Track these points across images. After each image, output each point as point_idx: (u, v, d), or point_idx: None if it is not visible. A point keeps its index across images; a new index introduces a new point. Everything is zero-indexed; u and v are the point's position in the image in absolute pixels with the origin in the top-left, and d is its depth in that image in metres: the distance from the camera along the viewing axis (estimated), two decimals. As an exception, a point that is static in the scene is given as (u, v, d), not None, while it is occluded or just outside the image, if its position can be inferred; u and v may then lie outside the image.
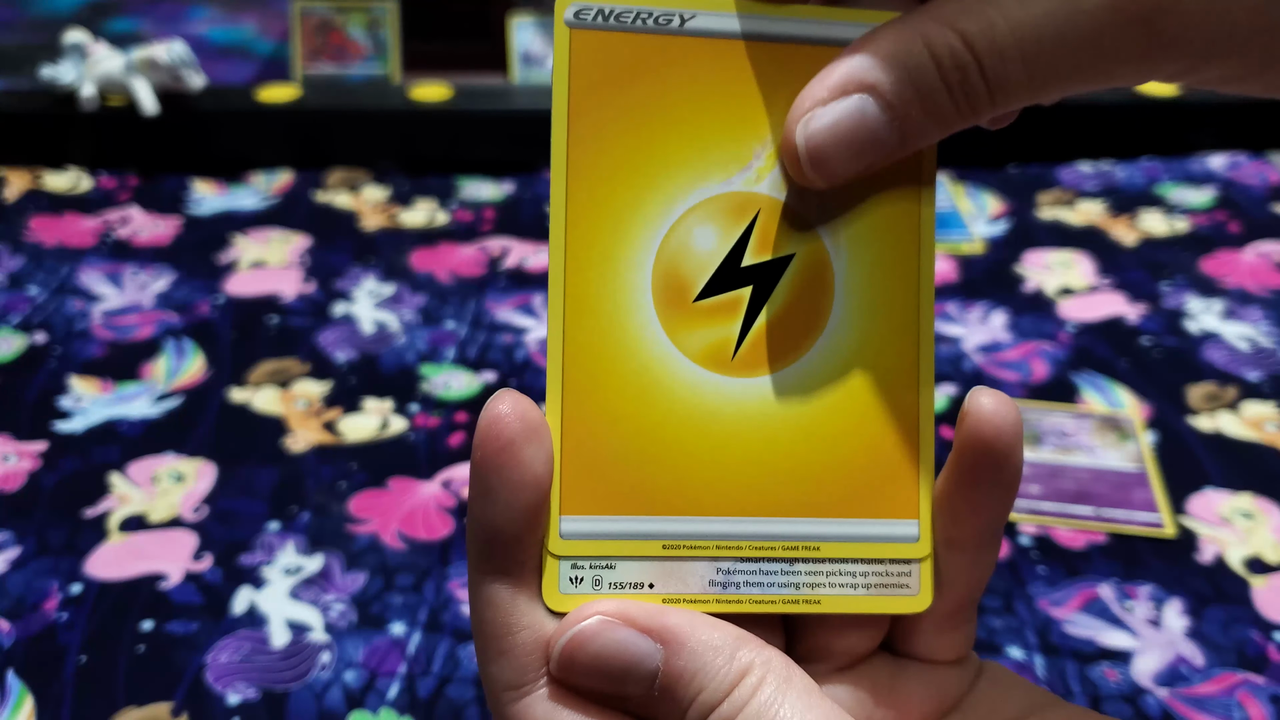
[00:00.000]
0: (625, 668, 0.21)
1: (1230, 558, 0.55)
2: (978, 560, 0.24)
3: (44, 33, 1.18)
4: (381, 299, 0.76)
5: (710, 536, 0.22)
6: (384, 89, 1.01)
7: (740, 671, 0.20)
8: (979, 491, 0.23)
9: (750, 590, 0.22)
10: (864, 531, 0.23)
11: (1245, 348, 0.71)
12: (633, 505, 0.22)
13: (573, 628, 0.21)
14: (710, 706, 0.20)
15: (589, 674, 0.21)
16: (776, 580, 0.23)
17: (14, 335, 0.72)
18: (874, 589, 0.23)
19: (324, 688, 0.48)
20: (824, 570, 0.23)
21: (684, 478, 0.22)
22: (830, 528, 0.23)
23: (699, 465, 0.22)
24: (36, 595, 0.52)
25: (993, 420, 0.22)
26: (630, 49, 0.22)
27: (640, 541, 0.22)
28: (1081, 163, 0.96)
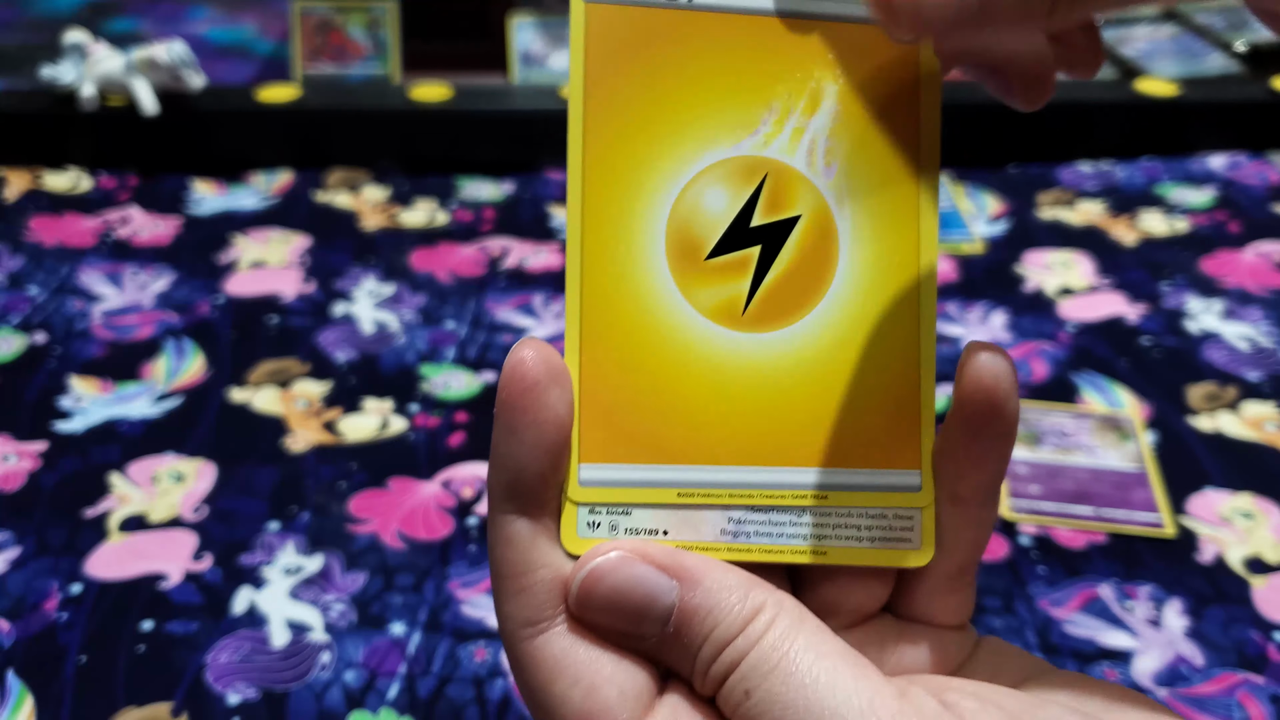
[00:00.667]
0: (642, 602, 0.21)
1: (1230, 558, 0.55)
2: (978, 518, 0.24)
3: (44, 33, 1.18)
4: (381, 299, 0.76)
5: (722, 485, 0.23)
6: (384, 89, 1.01)
7: (754, 609, 0.21)
8: (979, 442, 0.23)
9: (760, 540, 0.23)
10: (869, 481, 0.24)
11: (1245, 348, 0.71)
12: (648, 454, 0.23)
13: (591, 562, 0.21)
14: (724, 642, 0.21)
15: (606, 608, 0.21)
16: (785, 531, 0.23)
17: (14, 335, 0.72)
18: (878, 542, 0.24)
19: (324, 688, 0.48)
20: (830, 522, 0.24)
21: (697, 429, 0.23)
22: (837, 478, 0.24)
23: (711, 417, 0.23)
24: (36, 595, 0.52)
25: (991, 368, 0.23)
26: (643, 22, 0.23)
27: (656, 489, 0.23)
28: (1081, 163, 0.96)
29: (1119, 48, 1.13)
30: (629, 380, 0.23)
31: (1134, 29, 1.18)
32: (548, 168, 0.92)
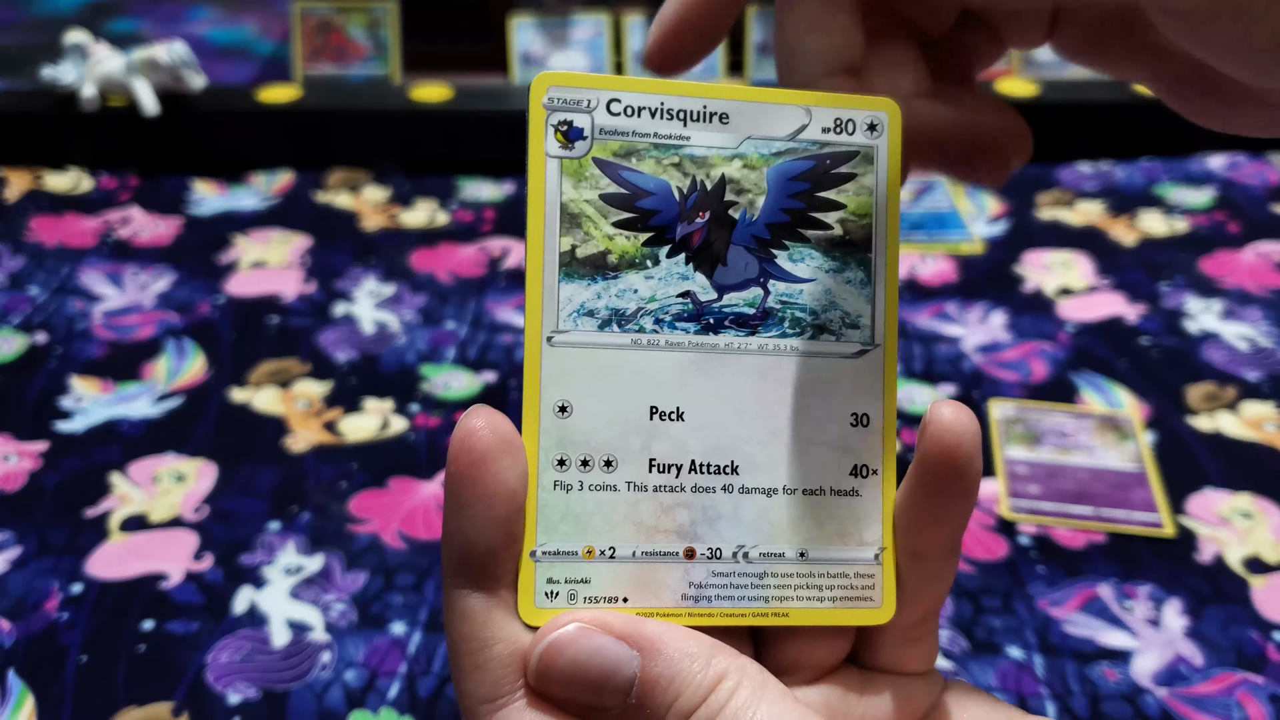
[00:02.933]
0: (603, 674, 0.21)
1: (1229, 557, 0.55)
2: (939, 572, 0.24)
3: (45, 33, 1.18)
4: (382, 299, 0.76)
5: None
6: (384, 89, 1.01)
7: (716, 677, 0.21)
8: (940, 501, 0.23)
9: (721, 603, 0.23)
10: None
11: (1244, 348, 0.71)
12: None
13: (550, 635, 0.21)
14: (687, 712, 0.20)
15: (566, 681, 0.21)
16: (746, 594, 0.23)
17: (15, 335, 0.72)
18: (840, 601, 0.24)
19: (324, 687, 0.48)
20: (792, 583, 0.23)
21: None
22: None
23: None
24: (37, 595, 0.52)
25: (953, 428, 0.22)
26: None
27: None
28: (1081, 163, 0.96)
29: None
30: None
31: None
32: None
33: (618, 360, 0.23)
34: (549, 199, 0.23)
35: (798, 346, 0.24)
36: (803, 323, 0.24)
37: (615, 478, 0.23)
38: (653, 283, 0.23)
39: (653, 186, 0.23)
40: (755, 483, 0.23)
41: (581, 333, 0.23)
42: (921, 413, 0.66)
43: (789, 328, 0.24)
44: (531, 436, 0.23)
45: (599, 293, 0.23)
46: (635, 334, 0.23)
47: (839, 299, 0.24)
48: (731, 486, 0.23)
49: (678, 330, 0.23)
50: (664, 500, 0.23)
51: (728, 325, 0.23)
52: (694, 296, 0.23)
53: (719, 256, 0.23)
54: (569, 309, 0.23)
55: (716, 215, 0.23)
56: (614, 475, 0.23)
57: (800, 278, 0.24)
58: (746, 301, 0.24)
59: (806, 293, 0.24)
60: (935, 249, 0.83)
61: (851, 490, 0.24)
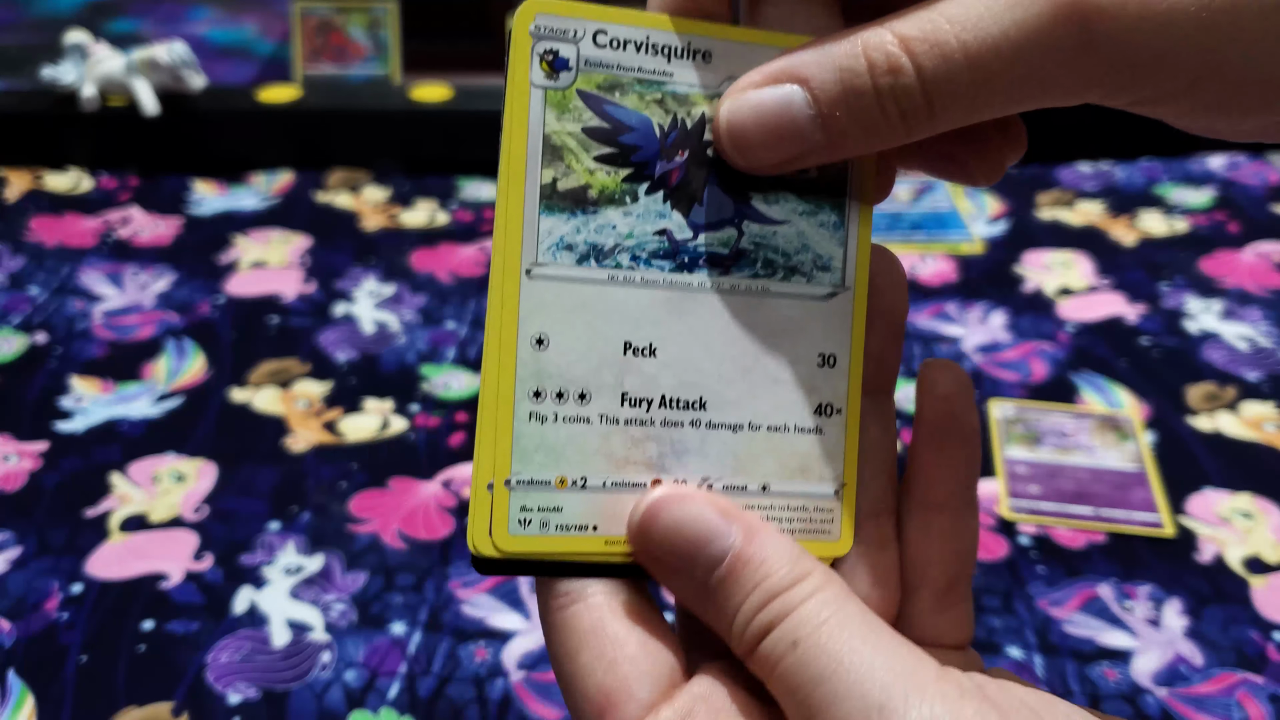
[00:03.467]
0: (700, 539, 0.21)
1: (1229, 557, 0.55)
2: (957, 527, 0.24)
3: (45, 33, 1.18)
4: (382, 299, 0.76)
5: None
6: (384, 89, 1.01)
7: (804, 572, 0.21)
8: (944, 450, 0.24)
9: None
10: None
11: (1244, 348, 0.71)
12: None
13: (657, 492, 0.22)
14: (775, 593, 0.21)
15: (663, 540, 0.22)
16: None
17: (15, 335, 0.72)
18: (799, 534, 0.24)
19: (324, 687, 0.48)
20: (755, 511, 0.24)
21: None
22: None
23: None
24: (37, 595, 0.52)
25: (945, 380, 0.24)
26: None
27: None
28: (1081, 163, 0.96)
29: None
30: None
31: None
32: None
33: (594, 295, 0.23)
34: (532, 130, 0.23)
35: (769, 287, 0.24)
36: (775, 264, 0.24)
37: (589, 410, 0.23)
38: (631, 219, 0.23)
39: (635, 122, 0.23)
40: (722, 418, 0.24)
41: (560, 266, 0.23)
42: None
43: (761, 269, 0.24)
44: (509, 368, 0.23)
45: (578, 227, 0.23)
46: (612, 270, 0.23)
47: (811, 242, 0.24)
48: (699, 422, 0.24)
49: (653, 268, 0.23)
50: (634, 433, 0.23)
51: (702, 264, 0.24)
52: (670, 235, 0.23)
53: (696, 196, 0.24)
54: (548, 242, 0.23)
55: (695, 154, 0.23)
56: (588, 408, 0.23)
57: (774, 219, 0.24)
58: (721, 242, 0.24)
59: (780, 235, 0.24)
60: (935, 249, 0.83)
61: (815, 428, 0.24)
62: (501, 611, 0.52)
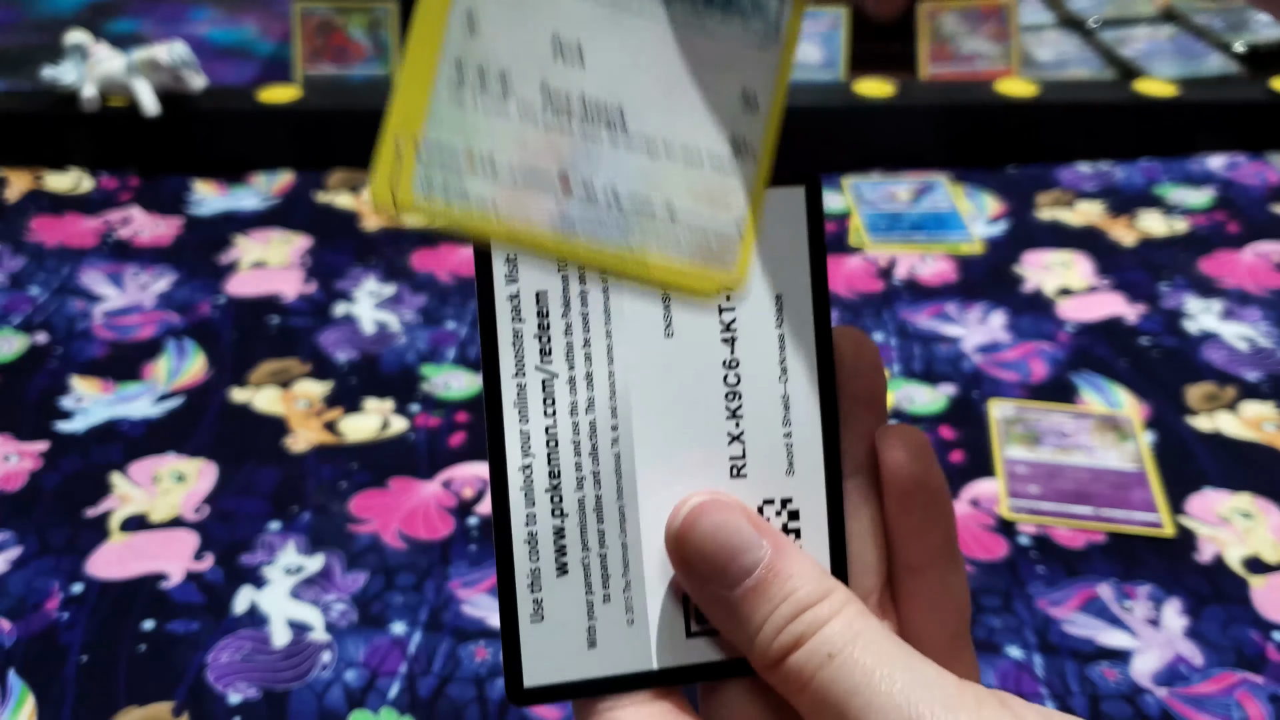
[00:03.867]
0: (736, 548, 0.22)
1: (1229, 557, 0.55)
2: (945, 583, 0.25)
3: (45, 34, 1.18)
4: (382, 299, 0.76)
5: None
6: (385, 90, 1.01)
7: (831, 587, 0.22)
8: (914, 516, 0.24)
9: (587, 238, 0.24)
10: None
11: (1244, 348, 0.71)
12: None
13: (699, 499, 0.23)
14: (805, 605, 0.21)
15: (700, 546, 0.22)
16: (612, 233, 0.24)
17: (15, 335, 0.72)
18: (696, 257, 0.25)
19: (325, 687, 0.48)
20: (656, 232, 0.24)
21: None
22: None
23: None
24: (38, 595, 0.52)
25: (900, 447, 0.24)
26: None
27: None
28: (1080, 163, 0.96)
29: (1119, 48, 1.13)
30: None
31: (1134, 29, 1.18)
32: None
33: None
34: None
35: (706, 24, 0.24)
36: (714, 1, 0.25)
37: (508, 99, 0.23)
38: None
39: None
40: (640, 130, 0.24)
41: None
42: (921, 413, 0.66)
43: (702, 3, 0.24)
44: (435, 35, 0.23)
45: None
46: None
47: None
48: (615, 126, 0.24)
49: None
50: (550, 130, 0.24)
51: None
52: None
53: None
54: None
55: None
56: (507, 95, 0.23)
57: None
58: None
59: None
60: (935, 249, 0.83)
61: (729, 161, 0.25)
62: (502, 611, 0.52)
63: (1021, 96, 0.96)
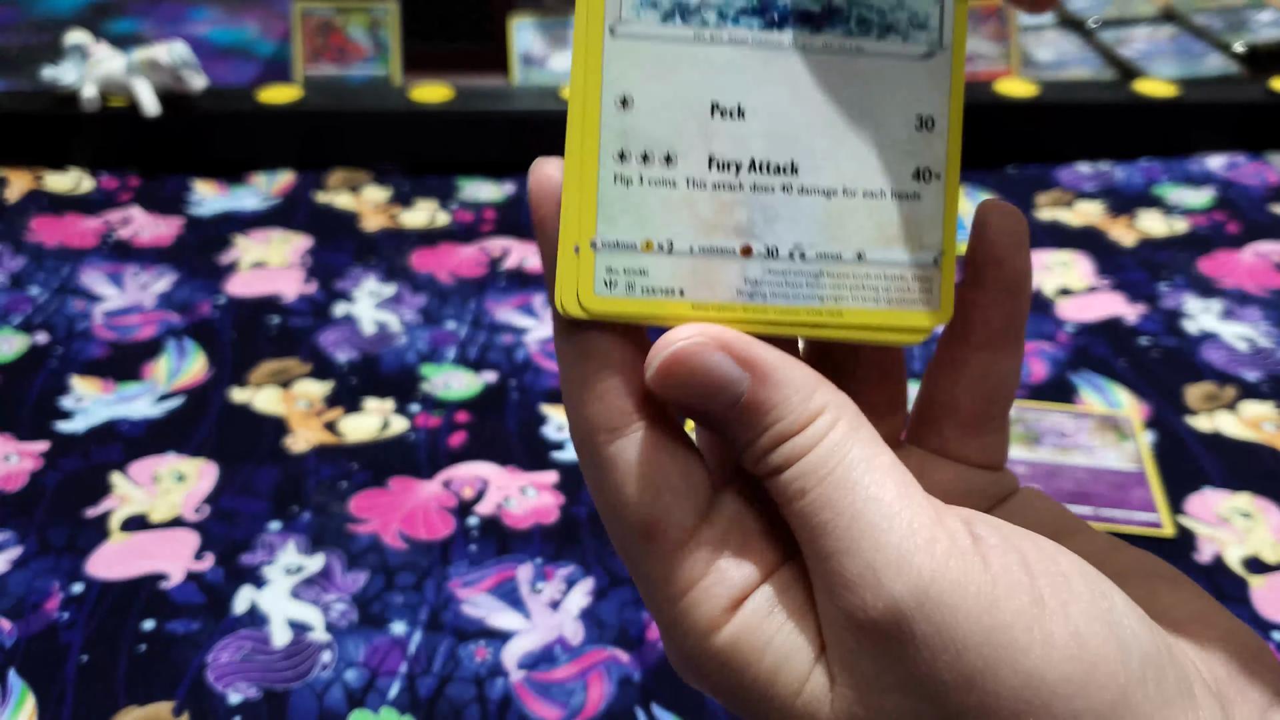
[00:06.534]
0: (713, 386, 0.22)
1: (1229, 557, 0.55)
2: (992, 366, 0.25)
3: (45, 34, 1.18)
4: (382, 299, 0.76)
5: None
6: (385, 90, 1.01)
7: (816, 411, 0.22)
8: (986, 295, 0.24)
9: (776, 300, 0.23)
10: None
11: (1244, 348, 0.72)
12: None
13: (673, 345, 0.22)
14: (783, 437, 0.22)
15: (679, 385, 0.22)
16: (802, 291, 0.23)
17: (15, 335, 0.72)
18: (895, 303, 0.24)
19: (325, 687, 0.48)
20: (848, 283, 0.23)
21: None
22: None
23: None
24: (38, 595, 0.52)
25: (994, 225, 0.24)
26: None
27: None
28: (1080, 163, 0.96)
29: (1118, 48, 1.13)
30: None
31: (1133, 30, 1.18)
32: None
33: (680, 54, 0.23)
34: None
35: (863, 46, 0.23)
36: (869, 22, 0.23)
37: (675, 173, 0.23)
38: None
39: None
40: (815, 183, 0.23)
41: (645, 24, 0.23)
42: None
43: (855, 26, 0.23)
44: (592, 130, 0.23)
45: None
46: (698, 27, 0.23)
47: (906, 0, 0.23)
48: (791, 186, 0.23)
49: (741, 25, 0.23)
50: (723, 197, 0.23)
51: (792, 22, 0.23)
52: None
53: None
54: (632, 0, 0.23)
55: None
56: (673, 171, 0.23)
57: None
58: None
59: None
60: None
61: (913, 194, 0.23)
62: (502, 611, 0.52)
63: (1021, 96, 0.96)
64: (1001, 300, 0.24)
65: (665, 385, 0.22)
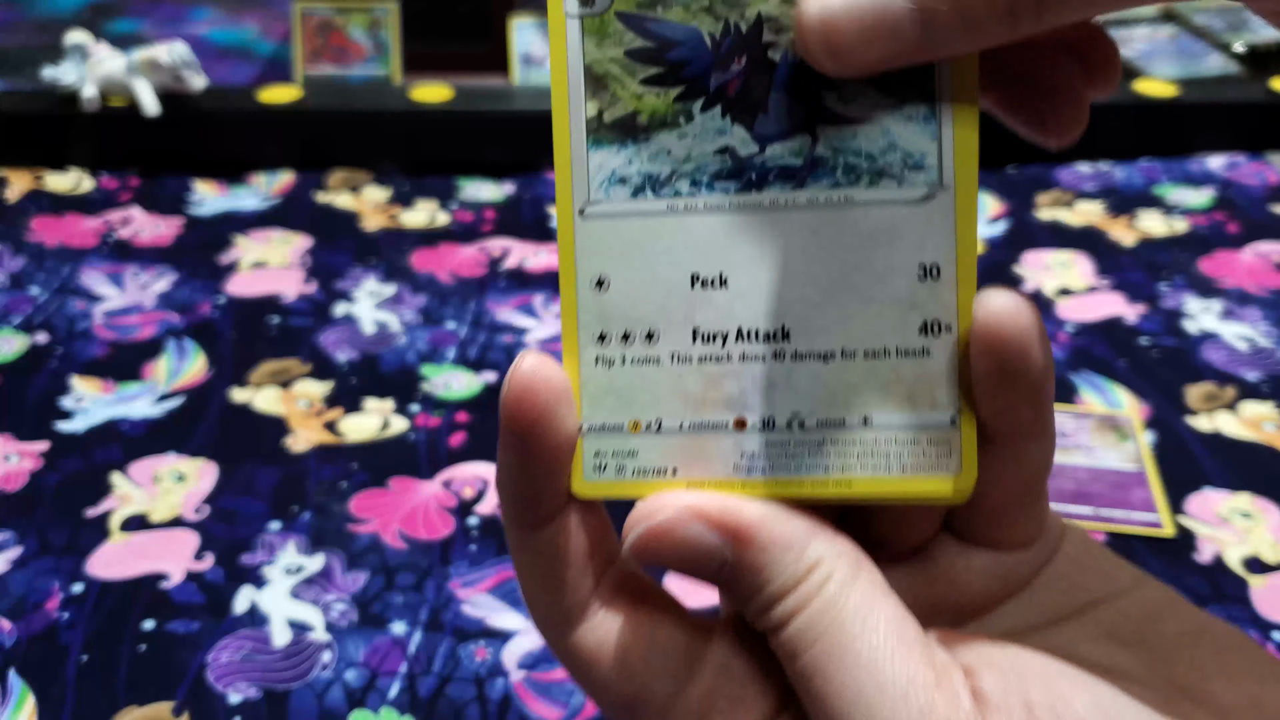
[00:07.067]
0: (696, 560, 0.21)
1: (1229, 557, 0.55)
2: (1023, 453, 0.22)
3: (46, 34, 1.18)
4: (382, 299, 0.76)
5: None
6: (385, 90, 1.01)
7: (808, 567, 0.20)
8: (999, 399, 0.21)
9: (776, 474, 0.22)
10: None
11: (1244, 348, 0.72)
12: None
13: (644, 522, 0.21)
14: (776, 598, 0.20)
15: (660, 561, 0.21)
16: (804, 463, 0.22)
17: (15, 335, 0.72)
18: (911, 470, 0.22)
19: (325, 687, 0.48)
20: (855, 451, 0.22)
21: None
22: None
23: None
24: (38, 595, 0.52)
25: (1007, 321, 0.21)
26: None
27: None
28: (1080, 163, 0.96)
29: (1118, 48, 1.13)
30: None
31: (1133, 30, 1.18)
32: (548, 169, 0.92)
33: (654, 227, 0.22)
34: (571, 62, 0.22)
35: (853, 196, 0.21)
36: (857, 169, 0.21)
37: (658, 350, 0.22)
38: (687, 141, 0.22)
39: (682, 35, 0.21)
40: (810, 347, 0.22)
41: (614, 202, 0.22)
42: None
43: (842, 176, 0.21)
44: (570, 313, 0.22)
45: (630, 158, 0.22)
46: (671, 199, 0.22)
47: (899, 138, 0.21)
48: (783, 353, 0.22)
49: (717, 191, 0.22)
50: (710, 371, 0.22)
51: (772, 180, 0.22)
52: (733, 152, 0.22)
53: (759, 105, 0.22)
54: (600, 178, 0.22)
55: (755, 59, 0.21)
56: (656, 348, 0.22)
57: (852, 118, 0.21)
58: (792, 152, 0.22)
59: (860, 135, 0.21)
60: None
61: (921, 349, 0.22)
62: (502, 611, 0.52)
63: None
64: (1031, 397, 0.22)
65: (643, 561, 0.21)
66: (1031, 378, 0.21)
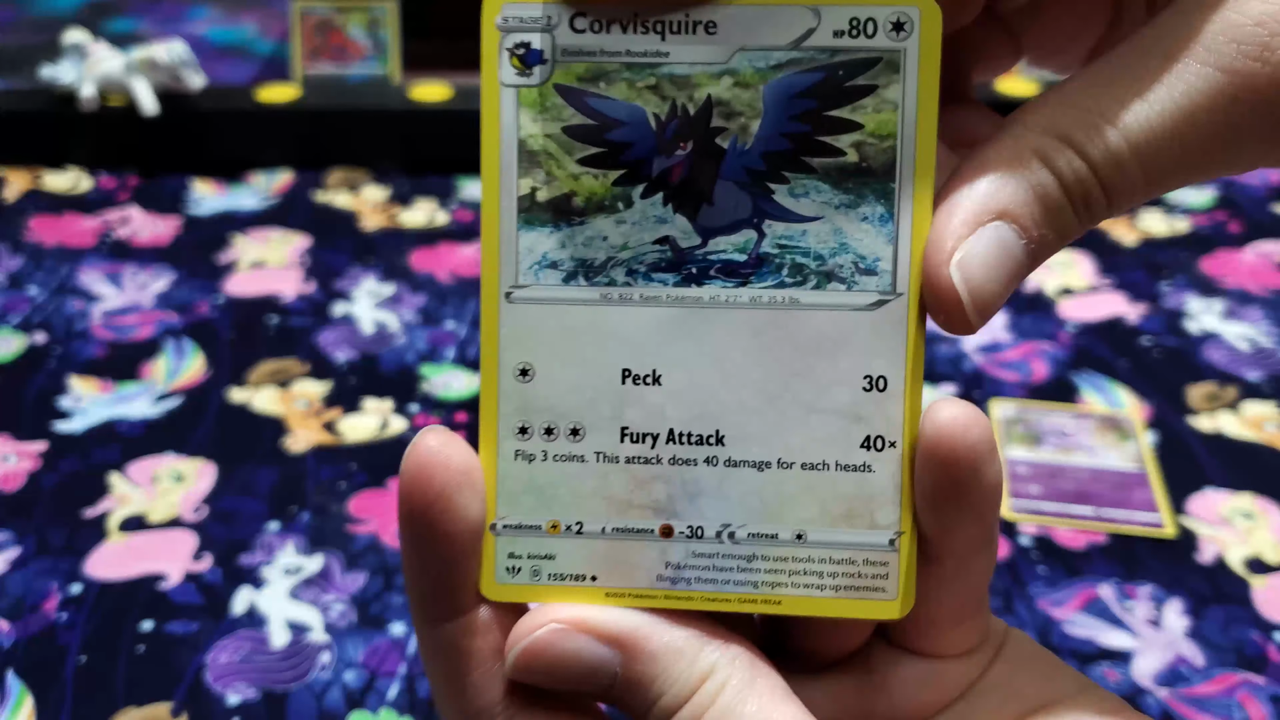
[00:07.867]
0: (583, 674, 0.20)
1: (1230, 558, 0.55)
2: (966, 568, 0.22)
3: (44, 33, 1.17)
4: (381, 299, 0.76)
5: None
6: (384, 89, 1.01)
7: (701, 676, 0.20)
8: (947, 514, 0.21)
9: (702, 586, 0.21)
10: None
11: (1245, 348, 0.71)
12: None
13: (525, 639, 0.20)
14: (671, 710, 0.20)
15: (544, 678, 0.20)
16: (732, 577, 0.21)
17: (14, 335, 0.72)
18: (844, 590, 0.21)
19: (324, 688, 0.48)
20: (786, 568, 0.21)
21: None
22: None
23: None
24: (36, 595, 0.52)
25: (959, 435, 0.20)
26: None
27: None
28: (1081, 163, 0.96)
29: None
30: None
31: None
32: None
33: (585, 318, 0.21)
34: (504, 135, 0.20)
35: (798, 298, 0.20)
36: (805, 269, 0.20)
37: (583, 448, 0.21)
38: (625, 228, 0.20)
39: (625, 115, 0.20)
40: (745, 455, 0.21)
41: (543, 287, 0.21)
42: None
43: (788, 276, 0.20)
44: (490, 401, 0.21)
45: (563, 241, 0.20)
46: (605, 288, 0.20)
47: (852, 240, 0.20)
48: (716, 459, 0.21)
49: (654, 283, 0.20)
50: (638, 473, 0.21)
51: (713, 275, 0.20)
52: (673, 242, 0.20)
53: (704, 194, 0.20)
54: (529, 260, 0.21)
55: (701, 145, 0.20)
56: (581, 445, 0.21)
57: (803, 215, 0.20)
58: (736, 247, 0.20)
59: (811, 234, 0.20)
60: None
61: (863, 465, 0.21)
62: (501, 612, 0.52)
63: (1022, 96, 0.96)
64: (979, 514, 0.21)
65: (528, 679, 0.20)
66: (982, 493, 0.20)
